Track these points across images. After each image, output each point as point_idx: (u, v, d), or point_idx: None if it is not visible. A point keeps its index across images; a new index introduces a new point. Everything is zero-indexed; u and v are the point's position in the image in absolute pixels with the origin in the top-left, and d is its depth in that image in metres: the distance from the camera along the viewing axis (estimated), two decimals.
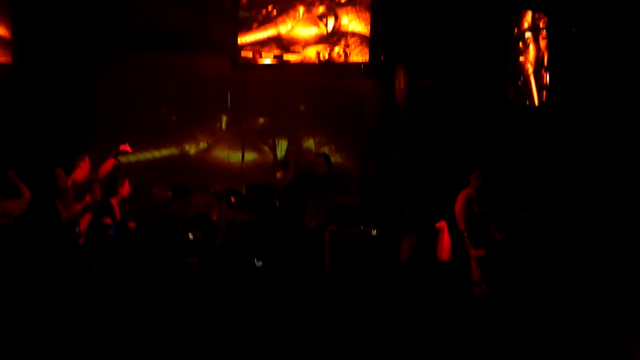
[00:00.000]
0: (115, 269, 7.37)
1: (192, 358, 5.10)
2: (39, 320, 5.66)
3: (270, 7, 9.41)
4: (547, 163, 7.13)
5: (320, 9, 9.25)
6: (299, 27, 9.31)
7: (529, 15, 7.38)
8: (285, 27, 9.34)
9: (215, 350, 5.21)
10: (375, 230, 7.38)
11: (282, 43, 9.35)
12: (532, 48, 7.34)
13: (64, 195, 7.33)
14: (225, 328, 5.70)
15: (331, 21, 9.18)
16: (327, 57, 9.18)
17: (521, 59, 7.56)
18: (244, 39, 9.41)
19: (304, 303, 6.56)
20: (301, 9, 9.30)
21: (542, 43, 7.19)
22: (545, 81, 7.15)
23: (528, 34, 7.41)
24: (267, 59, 9.38)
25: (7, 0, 9.02)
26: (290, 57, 9.30)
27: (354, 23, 9.11)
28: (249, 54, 9.42)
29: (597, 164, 6.66)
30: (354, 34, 9.10)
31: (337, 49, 9.16)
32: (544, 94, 7.22)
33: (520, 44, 7.56)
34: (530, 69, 7.38)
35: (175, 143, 9.74)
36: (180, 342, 5.33)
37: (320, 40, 9.22)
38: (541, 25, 7.18)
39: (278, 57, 9.32)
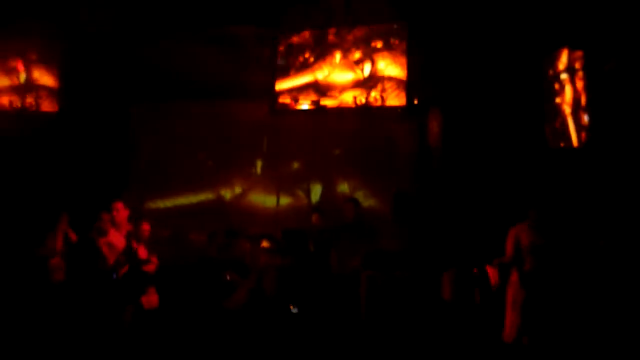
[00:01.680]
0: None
1: None
2: None
3: (307, 54, 9.56)
4: (589, 204, 6.94)
5: (357, 55, 9.35)
6: (335, 72, 9.42)
7: (564, 56, 7.31)
8: (322, 73, 9.46)
9: None
10: (411, 274, 7.26)
11: (319, 88, 9.46)
12: (568, 89, 7.25)
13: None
14: None
15: (367, 66, 9.26)
16: (363, 101, 9.23)
17: (557, 100, 7.46)
18: (282, 85, 9.56)
19: (341, 345, 6.48)
20: (338, 55, 9.42)
21: (579, 84, 7.09)
22: (583, 122, 7.03)
23: (564, 75, 7.32)
24: (304, 105, 9.48)
25: (56, 51, 9.41)
26: (327, 102, 9.39)
27: (390, 68, 9.16)
28: (287, 100, 9.54)
29: None
30: (390, 78, 9.15)
31: (373, 93, 9.21)
32: (583, 135, 7.08)
33: (556, 86, 7.47)
34: (567, 110, 7.27)
35: (211, 188, 9.86)
36: None
37: (357, 85, 9.30)
38: (577, 66, 7.09)
39: (315, 102, 9.41)
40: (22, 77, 9.34)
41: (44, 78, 9.41)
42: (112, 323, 6.85)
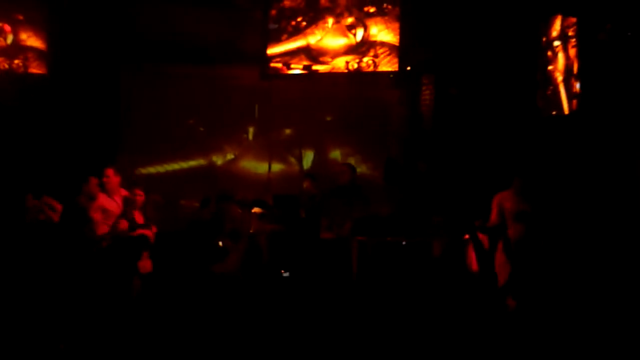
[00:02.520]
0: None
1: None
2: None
3: (299, 19, 9.45)
4: (578, 171, 7.00)
5: (350, 20, 9.27)
6: (328, 37, 9.33)
7: (557, 24, 7.28)
8: (315, 38, 9.37)
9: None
10: (404, 240, 7.32)
11: (311, 54, 9.38)
12: (561, 57, 7.23)
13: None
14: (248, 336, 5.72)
15: (360, 31, 9.19)
16: (356, 67, 9.18)
17: (550, 67, 7.45)
18: (274, 50, 9.45)
19: (330, 310, 6.55)
20: (330, 20, 9.33)
21: (571, 51, 7.08)
22: (575, 90, 7.04)
23: (557, 43, 7.30)
24: (296, 70, 9.42)
25: (43, 13, 9.25)
26: (319, 68, 9.33)
27: (383, 33, 9.10)
28: (278, 65, 9.47)
29: (632, 173, 6.52)
30: (383, 44, 9.10)
31: (366, 59, 9.15)
32: (574, 102, 7.09)
33: (549, 53, 7.46)
34: (559, 77, 7.27)
35: (202, 154, 9.85)
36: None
37: (349, 50, 9.23)
38: (570, 34, 7.08)
39: (307, 68, 9.35)
40: (9, 38, 9.18)
41: (32, 39, 9.24)
42: (110, 291, 6.85)
